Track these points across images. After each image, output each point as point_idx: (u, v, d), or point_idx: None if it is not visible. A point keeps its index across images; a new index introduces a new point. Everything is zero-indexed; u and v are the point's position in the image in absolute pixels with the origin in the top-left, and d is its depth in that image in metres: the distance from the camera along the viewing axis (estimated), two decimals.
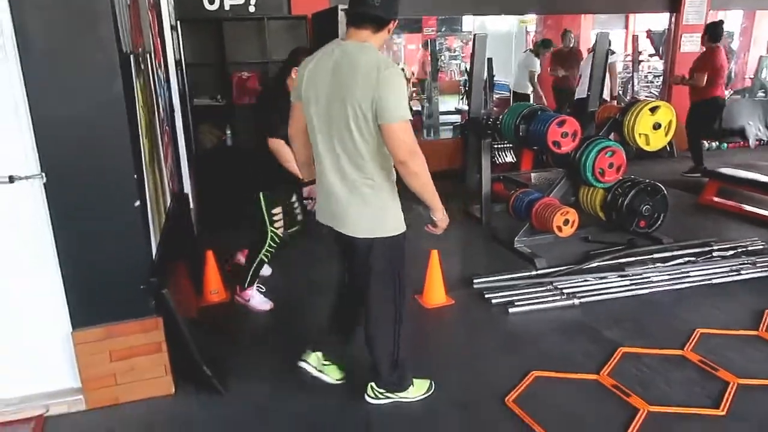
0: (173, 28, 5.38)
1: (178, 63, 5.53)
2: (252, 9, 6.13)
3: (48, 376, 2.55)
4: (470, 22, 12.51)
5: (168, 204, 3.42)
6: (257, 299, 3.54)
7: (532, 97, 7.76)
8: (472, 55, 4.74)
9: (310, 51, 3.34)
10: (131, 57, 2.59)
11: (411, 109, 2.14)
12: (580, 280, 3.65)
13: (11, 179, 2.27)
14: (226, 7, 6.08)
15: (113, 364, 2.55)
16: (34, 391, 2.56)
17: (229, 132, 6.16)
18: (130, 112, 2.38)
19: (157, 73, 3.63)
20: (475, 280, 3.74)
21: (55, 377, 2.56)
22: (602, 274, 3.73)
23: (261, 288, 3.64)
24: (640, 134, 4.01)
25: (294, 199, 3.76)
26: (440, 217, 2.32)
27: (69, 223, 2.36)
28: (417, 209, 3.01)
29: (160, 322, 2.56)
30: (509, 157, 5.02)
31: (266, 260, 3.49)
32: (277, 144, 3.18)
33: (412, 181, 2.12)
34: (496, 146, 5.04)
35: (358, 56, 2.06)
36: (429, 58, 9.45)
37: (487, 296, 3.50)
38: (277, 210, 3.42)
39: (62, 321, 2.47)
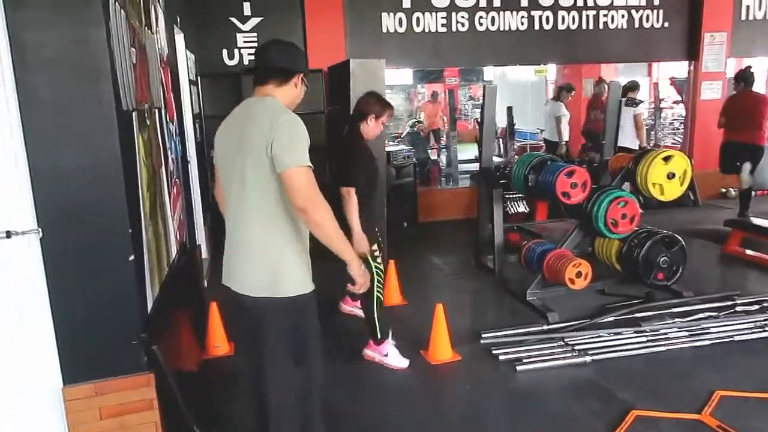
0: (192, 83, 5.56)
1: (197, 116, 5.70)
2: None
3: None
4: (491, 72, 12.67)
5: (173, 255, 3.44)
6: (394, 355, 3.30)
7: (564, 147, 7.61)
8: (482, 105, 4.74)
9: (381, 96, 3.39)
10: (134, 113, 2.64)
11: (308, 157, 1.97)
12: (592, 335, 3.51)
13: (8, 234, 2.29)
14: (245, 62, 6.27)
15: (103, 422, 2.50)
16: None
17: None
18: (127, 168, 2.41)
19: (167, 126, 3.71)
20: (483, 335, 3.62)
21: None
22: (617, 330, 3.58)
23: (394, 342, 3.39)
24: (653, 184, 3.91)
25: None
26: (356, 271, 2.09)
27: (63, 278, 2.36)
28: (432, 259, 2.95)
29: (152, 379, 2.51)
30: (521, 207, 4.97)
31: (382, 297, 3.30)
32: (348, 194, 3.10)
33: (314, 231, 1.98)
34: (508, 196, 4.99)
35: (256, 108, 2.06)
36: (443, 108, 9.56)
37: (494, 352, 3.38)
38: (374, 248, 3.26)
39: (55, 376, 2.45)
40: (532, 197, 4.70)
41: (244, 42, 6.21)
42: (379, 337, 3.31)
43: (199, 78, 5.94)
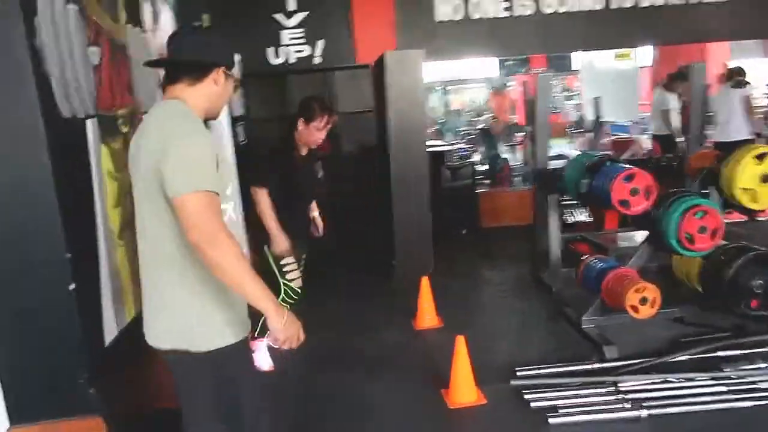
0: None
1: (239, 118, 5.47)
2: (317, 60, 5.98)
3: None
4: (579, 60, 11.67)
5: None
6: (261, 354, 3.22)
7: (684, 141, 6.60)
8: (535, 96, 4.11)
9: (322, 101, 3.14)
10: (90, 121, 2.35)
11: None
12: (655, 380, 2.82)
13: None
14: (291, 60, 5.98)
15: None
16: None
17: None
18: (66, 184, 2.11)
19: None
20: (518, 372, 3.04)
21: None
22: (689, 375, 2.86)
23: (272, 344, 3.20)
24: (743, 189, 3.12)
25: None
26: (275, 325, 1.59)
27: (1, 308, 2.12)
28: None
29: (101, 423, 2.21)
30: (582, 216, 4.25)
31: None
32: (257, 194, 3.08)
33: (214, 273, 1.53)
34: (568, 202, 4.29)
35: (151, 117, 1.68)
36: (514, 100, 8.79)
37: (526, 396, 2.79)
38: (288, 260, 3.15)
39: (1, 416, 2.22)
40: (587, 205, 4.00)
41: (290, 39, 5.90)
42: (255, 335, 3.13)
43: (242, 79, 5.71)
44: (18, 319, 2.13)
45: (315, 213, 3.51)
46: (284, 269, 3.15)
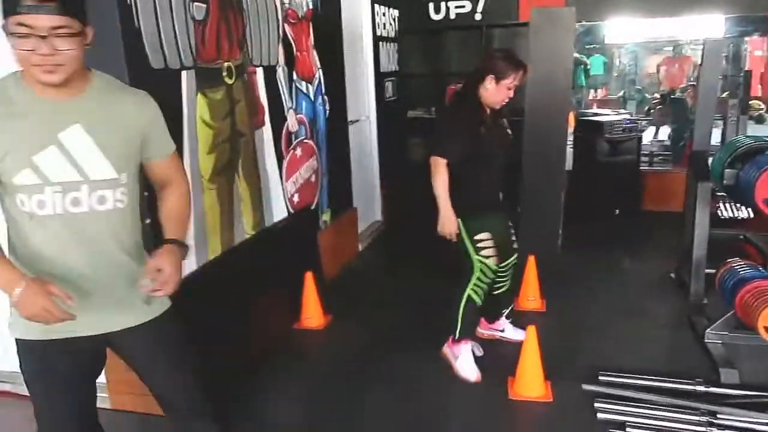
0: (386, 39, 5.36)
1: (389, 74, 5.51)
2: (478, 17, 5.72)
3: None
4: None
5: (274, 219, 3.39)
6: (466, 361, 2.83)
7: None
8: (701, 66, 3.45)
9: (513, 55, 2.71)
10: (186, 72, 2.55)
11: None
12: (763, 421, 2.30)
13: None
14: (452, 16, 5.79)
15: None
16: None
17: None
18: None
19: (294, 85, 3.60)
20: (601, 375, 2.71)
21: None
22: None
23: (478, 350, 2.97)
24: None
25: (510, 223, 2.99)
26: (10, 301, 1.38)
27: None
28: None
29: None
30: (741, 212, 3.45)
31: (478, 300, 2.78)
32: (436, 164, 2.64)
33: None
34: (722, 194, 3.52)
35: None
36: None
37: (597, 405, 2.48)
38: (484, 236, 2.72)
39: None
40: (730, 199, 3.25)
41: None
42: (457, 336, 2.82)
43: (398, 35, 5.70)
44: None
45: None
46: (478, 245, 2.73)
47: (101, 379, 2.57)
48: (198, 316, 2.54)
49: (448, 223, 2.68)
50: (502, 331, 3.17)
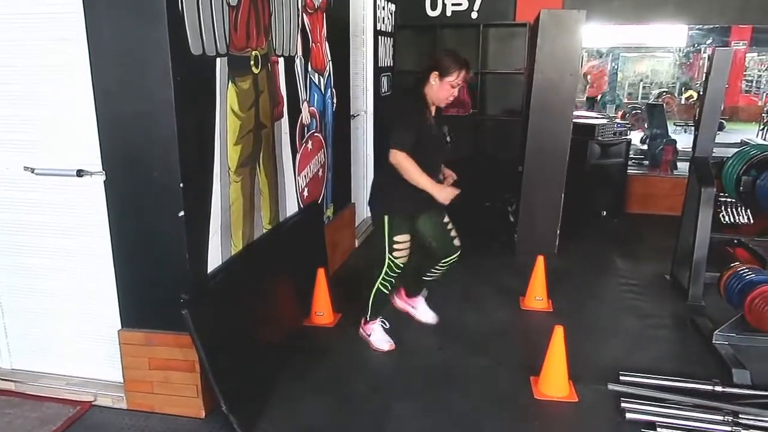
0: (384, 34, 5.30)
1: (386, 69, 5.46)
2: (474, 15, 5.74)
3: (103, 368, 2.63)
4: None
5: (288, 213, 3.32)
6: (377, 336, 3.16)
7: None
8: (707, 75, 3.56)
9: (459, 55, 2.85)
10: (219, 60, 2.46)
11: None
12: None
13: (79, 173, 2.34)
14: (448, 14, 5.80)
15: (151, 371, 2.50)
16: (93, 376, 2.65)
17: None
18: (189, 118, 2.25)
19: (309, 77, 3.52)
20: (622, 375, 2.77)
21: (110, 370, 2.61)
22: None
23: (385, 324, 3.23)
24: None
25: (447, 220, 3.10)
26: None
27: (123, 225, 2.37)
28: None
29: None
30: (742, 218, 3.62)
31: (385, 291, 3.07)
32: (396, 156, 2.72)
33: None
34: (725, 199, 3.66)
35: None
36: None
37: (624, 405, 2.54)
38: (402, 238, 2.92)
39: (114, 316, 2.50)
40: (748, 206, 3.40)
41: None
42: (368, 318, 3.16)
43: (394, 30, 5.66)
44: (136, 238, 2.37)
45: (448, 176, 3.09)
46: (394, 245, 2.92)
47: (118, 378, 2.54)
48: (222, 316, 2.49)
49: (443, 193, 2.77)
50: (415, 308, 3.39)
